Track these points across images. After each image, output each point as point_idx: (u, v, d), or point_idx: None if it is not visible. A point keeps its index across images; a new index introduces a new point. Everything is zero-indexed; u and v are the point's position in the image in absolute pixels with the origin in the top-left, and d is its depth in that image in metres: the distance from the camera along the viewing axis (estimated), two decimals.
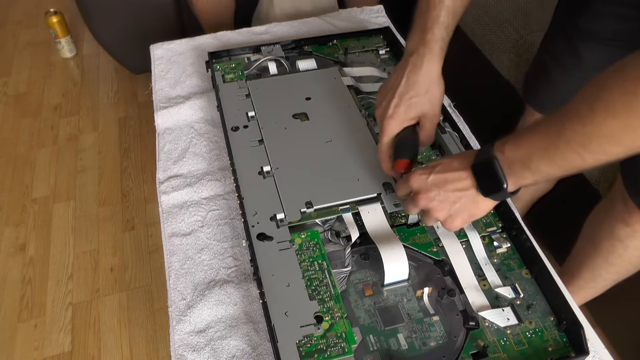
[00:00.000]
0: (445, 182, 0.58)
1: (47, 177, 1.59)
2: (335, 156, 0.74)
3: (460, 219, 0.59)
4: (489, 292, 0.61)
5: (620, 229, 0.87)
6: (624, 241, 0.88)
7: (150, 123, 0.89)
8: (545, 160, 0.50)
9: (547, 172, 0.51)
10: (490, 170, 0.54)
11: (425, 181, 0.59)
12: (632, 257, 0.90)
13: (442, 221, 0.59)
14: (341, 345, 0.56)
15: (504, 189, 0.54)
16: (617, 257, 0.91)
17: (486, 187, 0.55)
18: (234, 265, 0.68)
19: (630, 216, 0.84)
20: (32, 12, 2.25)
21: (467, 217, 0.59)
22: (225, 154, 0.81)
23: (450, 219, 0.59)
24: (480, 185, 0.56)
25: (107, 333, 1.23)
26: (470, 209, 0.58)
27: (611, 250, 0.90)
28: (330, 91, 0.84)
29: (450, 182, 0.57)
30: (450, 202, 0.58)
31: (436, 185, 0.58)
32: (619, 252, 0.89)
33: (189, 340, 0.62)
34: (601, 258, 0.93)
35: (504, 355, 0.56)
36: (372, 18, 1.09)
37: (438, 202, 0.58)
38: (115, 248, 1.40)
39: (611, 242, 0.89)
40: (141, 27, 1.60)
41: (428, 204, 0.58)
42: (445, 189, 0.57)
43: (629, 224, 0.85)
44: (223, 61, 0.92)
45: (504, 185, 0.53)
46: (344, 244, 0.65)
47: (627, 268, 0.93)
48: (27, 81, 1.92)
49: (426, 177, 0.59)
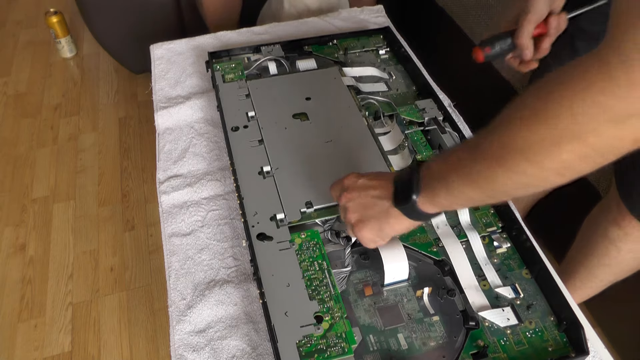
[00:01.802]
0: (368, 188, 0.57)
1: (47, 177, 1.59)
2: (335, 156, 0.74)
3: (369, 228, 0.57)
4: (489, 292, 0.61)
5: (613, 231, 0.87)
6: (616, 243, 0.88)
7: (150, 123, 0.89)
8: (462, 177, 0.47)
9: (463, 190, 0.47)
10: (406, 181, 0.53)
11: (354, 182, 0.59)
12: (625, 259, 0.90)
13: (353, 225, 0.58)
14: (341, 345, 0.56)
15: (412, 201, 0.51)
16: (611, 259, 0.91)
17: (397, 196, 0.54)
18: (234, 265, 0.68)
19: (623, 219, 0.85)
20: (32, 12, 2.25)
21: (376, 228, 0.56)
22: (225, 154, 0.81)
23: (359, 225, 0.57)
24: (394, 195, 0.54)
25: (107, 333, 1.23)
26: (380, 220, 0.56)
27: (605, 252, 0.90)
28: (330, 91, 0.84)
29: (372, 188, 0.57)
30: (364, 207, 0.57)
31: (360, 188, 0.58)
32: (613, 254, 0.90)
33: (189, 340, 0.62)
34: (596, 259, 0.93)
35: (504, 355, 0.56)
36: (372, 18, 1.09)
37: (355, 203, 0.58)
38: (115, 248, 1.40)
39: (605, 244, 0.90)
40: (141, 27, 1.60)
41: (346, 203, 0.58)
42: (365, 194, 0.57)
43: (621, 227, 0.86)
44: (223, 61, 0.92)
45: (413, 196, 0.51)
46: (344, 244, 0.65)
47: (621, 269, 0.93)
48: (27, 81, 1.92)
49: (356, 180, 0.59)
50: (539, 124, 0.39)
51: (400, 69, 0.93)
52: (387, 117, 0.82)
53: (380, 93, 0.87)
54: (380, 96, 0.86)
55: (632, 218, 0.83)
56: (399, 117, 0.81)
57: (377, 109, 0.83)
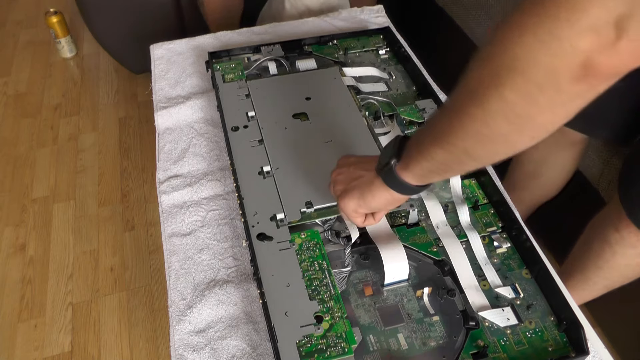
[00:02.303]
0: (358, 162, 0.60)
1: (47, 177, 1.58)
2: (335, 156, 0.73)
3: (350, 197, 0.57)
4: (489, 292, 0.61)
5: (610, 234, 0.87)
6: (612, 246, 0.88)
7: (150, 123, 0.89)
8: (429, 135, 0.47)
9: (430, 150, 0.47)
10: (389, 148, 0.54)
11: (347, 159, 0.62)
12: (619, 264, 0.89)
13: (338, 196, 0.59)
14: (341, 345, 0.56)
15: (390, 165, 0.52)
16: (605, 262, 0.90)
17: (379, 163, 0.54)
18: (234, 265, 0.68)
19: (620, 221, 0.85)
20: (32, 12, 2.25)
21: (357, 196, 0.57)
22: (225, 154, 0.81)
23: (343, 195, 0.58)
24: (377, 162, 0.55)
25: (107, 333, 1.23)
26: (363, 189, 0.56)
27: (600, 254, 0.90)
28: (330, 91, 0.84)
29: (362, 162, 0.60)
30: (351, 178, 0.59)
31: (350, 164, 0.61)
32: (607, 257, 0.89)
33: (189, 340, 0.62)
34: (591, 261, 0.93)
35: (504, 355, 0.56)
36: (372, 18, 1.09)
37: (343, 176, 0.60)
38: (115, 248, 1.40)
39: (601, 246, 0.90)
40: (141, 27, 1.60)
41: (336, 177, 0.61)
42: (355, 167, 0.59)
43: (618, 230, 0.85)
44: (223, 61, 0.92)
45: (392, 161, 0.52)
46: (344, 244, 0.65)
47: (615, 275, 0.92)
48: (27, 81, 1.92)
49: (349, 157, 0.62)
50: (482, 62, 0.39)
51: (400, 69, 0.93)
52: (387, 117, 0.82)
53: (380, 93, 0.87)
54: (380, 96, 0.86)
55: (629, 223, 0.83)
56: (399, 117, 0.81)
57: (377, 109, 0.83)
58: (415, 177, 0.51)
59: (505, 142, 0.42)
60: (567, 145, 1.06)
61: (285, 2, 1.29)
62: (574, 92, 0.36)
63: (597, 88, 0.36)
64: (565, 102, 0.37)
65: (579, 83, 0.35)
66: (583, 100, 0.37)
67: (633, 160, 0.85)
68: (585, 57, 0.33)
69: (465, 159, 0.45)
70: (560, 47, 0.34)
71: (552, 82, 0.35)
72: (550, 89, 0.36)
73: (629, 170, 0.85)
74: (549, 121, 0.39)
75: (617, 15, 0.32)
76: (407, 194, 0.54)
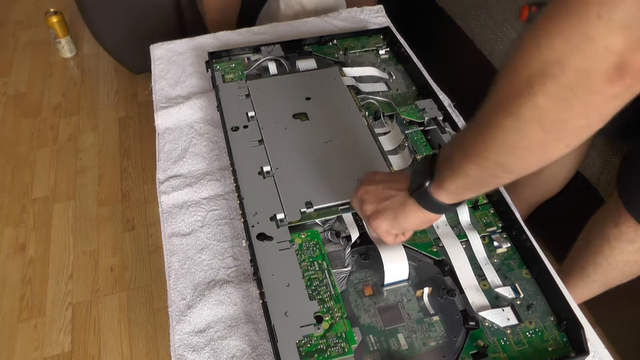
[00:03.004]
0: (385, 181, 0.59)
1: (47, 177, 1.58)
2: (335, 156, 0.74)
3: (384, 218, 0.56)
4: (489, 292, 0.61)
5: (609, 229, 0.87)
6: (611, 242, 0.88)
7: (150, 123, 0.89)
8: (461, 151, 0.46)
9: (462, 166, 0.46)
10: (420, 168, 0.53)
11: (372, 177, 0.60)
12: (617, 261, 0.89)
13: (369, 217, 0.58)
14: (341, 345, 0.56)
15: (425, 187, 0.51)
16: (604, 259, 0.90)
17: (412, 184, 0.54)
18: (234, 265, 0.68)
19: (619, 216, 0.85)
20: (32, 12, 2.25)
21: (390, 218, 0.56)
22: (225, 154, 0.81)
23: (375, 215, 0.57)
24: (410, 183, 0.54)
25: (107, 333, 1.23)
26: (396, 210, 0.55)
27: (599, 250, 0.90)
28: (330, 91, 0.84)
29: (390, 182, 0.58)
30: (381, 198, 0.57)
31: (378, 182, 0.59)
32: (606, 254, 0.89)
33: (189, 340, 0.62)
34: (590, 258, 0.93)
35: (504, 355, 0.56)
36: (372, 18, 1.09)
37: (371, 195, 0.59)
38: (115, 248, 1.40)
39: (600, 242, 0.90)
40: (141, 27, 1.60)
41: (363, 195, 0.60)
42: (383, 186, 0.58)
43: (617, 225, 0.86)
44: (223, 61, 0.92)
45: (426, 182, 0.51)
46: (344, 244, 0.65)
47: (613, 273, 0.92)
48: (27, 81, 1.92)
49: (374, 175, 0.61)
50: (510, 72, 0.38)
51: (400, 69, 0.93)
52: (387, 117, 0.82)
53: (380, 93, 0.87)
54: (380, 96, 0.86)
55: (629, 217, 0.83)
56: (399, 117, 0.81)
57: (377, 109, 0.83)
58: (449, 196, 0.51)
59: (540, 151, 0.41)
60: None
61: (280, 2, 1.29)
62: (608, 94, 0.34)
63: (633, 89, 0.34)
64: (601, 105, 0.36)
65: (614, 84, 0.34)
66: (619, 102, 0.35)
67: (632, 155, 0.86)
68: (618, 57, 0.32)
69: (500, 172, 0.44)
70: (592, 47, 0.33)
71: (585, 85, 0.34)
72: (584, 92, 0.35)
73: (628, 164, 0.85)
74: (585, 125, 0.38)
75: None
76: (441, 213, 0.54)
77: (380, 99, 0.85)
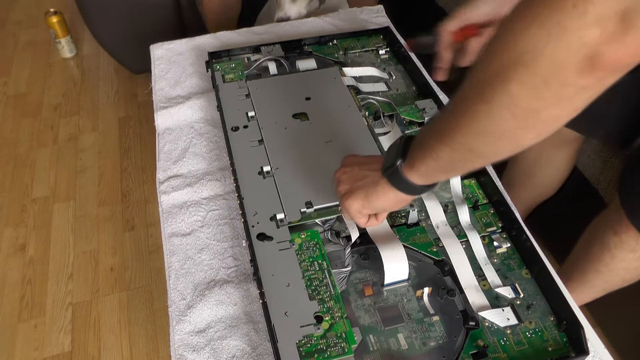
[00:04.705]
0: (363, 163, 0.60)
1: (47, 177, 1.59)
2: (335, 156, 0.74)
3: (355, 197, 0.57)
4: (489, 292, 0.61)
5: (610, 238, 0.87)
6: (611, 250, 0.87)
7: (150, 123, 0.89)
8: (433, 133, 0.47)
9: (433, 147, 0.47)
10: (393, 147, 0.54)
11: (352, 159, 0.62)
12: (618, 268, 0.89)
13: (342, 197, 0.59)
14: (341, 345, 0.56)
15: (396, 166, 0.51)
16: (604, 265, 0.90)
17: (385, 164, 0.54)
18: (234, 265, 0.68)
19: (620, 225, 0.84)
20: (32, 12, 2.25)
21: (362, 197, 0.56)
22: (225, 154, 0.81)
23: (348, 194, 0.58)
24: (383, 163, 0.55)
25: (107, 333, 1.23)
26: (368, 189, 0.56)
27: (600, 257, 0.90)
28: (330, 91, 0.84)
29: (367, 162, 0.59)
30: (355, 179, 0.58)
31: (355, 164, 0.60)
32: (606, 260, 0.89)
33: (189, 340, 0.62)
34: (590, 264, 0.93)
35: (504, 355, 0.56)
36: (372, 18, 1.09)
37: (347, 176, 0.60)
38: (115, 248, 1.40)
39: (601, 249, 0.89)
40: (141, 27, 1.60)
41: (340, 176, 0.60)
42: (359, 168, 0.59)
43: (617, 233, 0.85)
44: (223, 61, 0.92)
45: (397, 162, 0.51)
46: (344, 244, 0.65)
47: (614, 279, 0.92)
48: (27, 81, 1.92)
49: (354, 157, 0.62)
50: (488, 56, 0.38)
51: (400, 69, 0.93)
52: (387, 117, 0.82)
53: (380, 93, 0.87)
54: (380, 96, 0.86)
55: (630, 226, 0.83)
56: (399, 117, 0.81)
57: (377, 109, 0.83)
58: (421, 177, 0.51)
59: (510, 139, 0.41)
60: (562, 144, 1.06)
61: None
62: (580, 85, 0.35)
63: (604, 81, 0.35)
64: (572, 96, 0.36)
65: (586, 76, 0.34)
66: (590, 94, 0.36)
67: (633, 164, 0.85)
68: (591, 50, 0.33)
69: (471, 156, 0.45)
70: (566, 38, 0.33)
71: (557, 75, 0.34)
72: (556, 82, 0.35)
73: (629, 173, 0.84)
74: (555, 116, 0.38)
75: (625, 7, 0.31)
76: (413, 194, 0.54)
77: (380, 99, 0.85)
